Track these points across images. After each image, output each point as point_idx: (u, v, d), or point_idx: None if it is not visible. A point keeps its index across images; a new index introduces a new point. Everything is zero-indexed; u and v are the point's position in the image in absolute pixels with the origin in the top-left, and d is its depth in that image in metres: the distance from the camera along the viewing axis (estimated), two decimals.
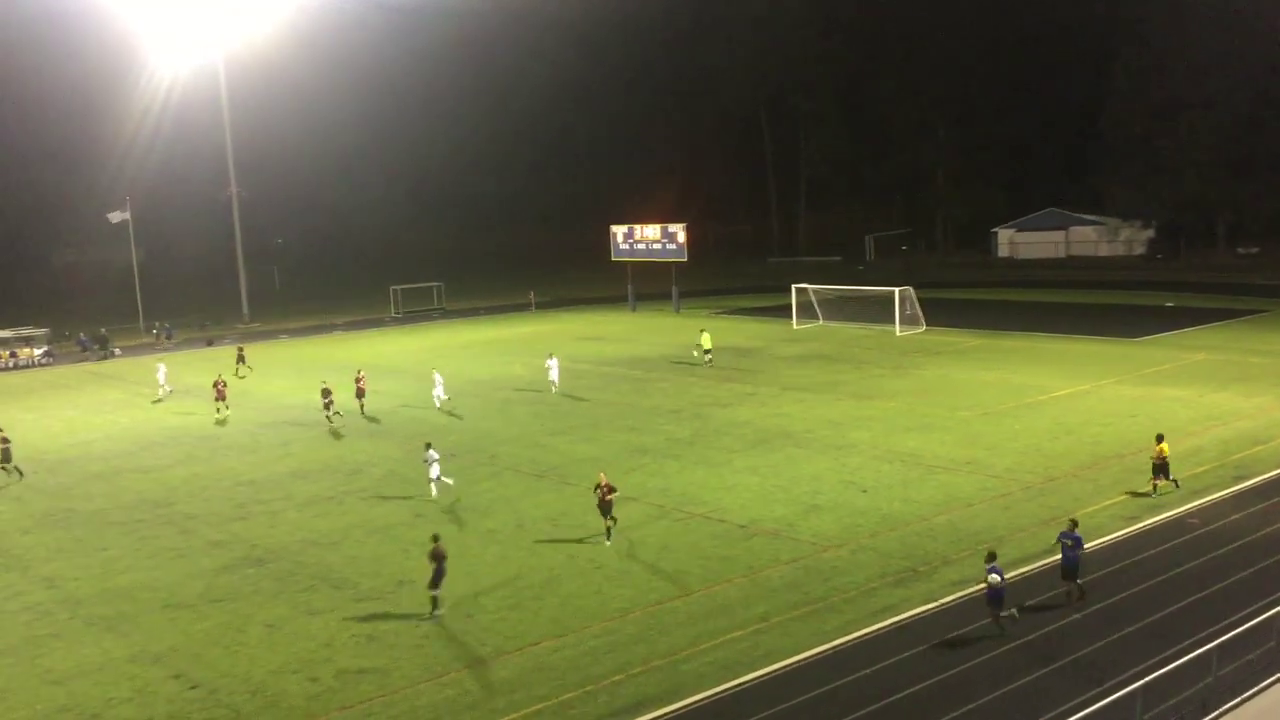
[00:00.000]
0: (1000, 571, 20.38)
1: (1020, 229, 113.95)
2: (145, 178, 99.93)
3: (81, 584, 26.12)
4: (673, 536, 27.43)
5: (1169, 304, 69.77)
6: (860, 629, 21.21)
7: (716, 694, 19.03)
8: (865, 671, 19.48)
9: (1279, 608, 19.64)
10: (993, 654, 19.93)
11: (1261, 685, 18.20)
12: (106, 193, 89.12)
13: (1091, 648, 20.00)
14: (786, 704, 18.55)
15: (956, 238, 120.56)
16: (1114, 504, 28.14)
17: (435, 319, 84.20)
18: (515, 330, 74.21)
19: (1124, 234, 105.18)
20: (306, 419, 44.38)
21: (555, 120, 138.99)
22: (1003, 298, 79.44)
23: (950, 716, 17.87)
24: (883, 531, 26.97)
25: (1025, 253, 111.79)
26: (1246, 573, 23.28)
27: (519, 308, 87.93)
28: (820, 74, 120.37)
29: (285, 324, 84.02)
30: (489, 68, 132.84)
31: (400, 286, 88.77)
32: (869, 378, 48.51)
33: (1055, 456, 33.22)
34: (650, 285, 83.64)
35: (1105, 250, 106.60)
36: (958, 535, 26.40)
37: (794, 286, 69.14)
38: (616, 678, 19.80)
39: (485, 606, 23.39)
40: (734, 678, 19.50)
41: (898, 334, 60.68)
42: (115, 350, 69.43)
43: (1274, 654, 19.08)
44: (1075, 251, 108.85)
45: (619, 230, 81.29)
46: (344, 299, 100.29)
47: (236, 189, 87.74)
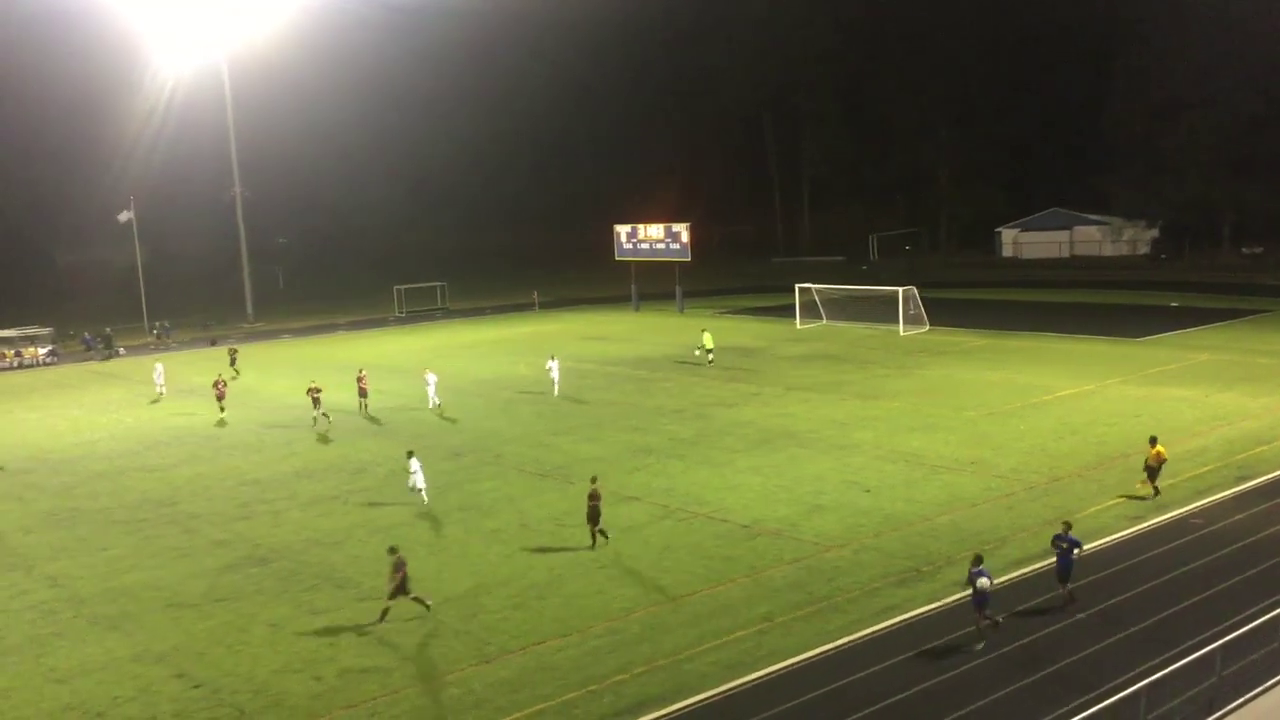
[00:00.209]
0: (988, 575, 20.16)
1: (1024, 229, 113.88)
2: (149, 177, 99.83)
3: (85, 583, 26.16)
4: (676, 536, 27.43)
5: (1173, 304, 69.70)
6: (863, 629, 21.20)
7: (720, 694, 19.02)
8: (868, 671, 19.47)
9: None
10: (995, 654, 19.91)
11: (1266, 685, 18.18)
12: (110, 193, 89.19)
13: (1096, 647, 19.98)
14: (790, 704, 18.54)
15: (960, 237, 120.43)
16: (1118, 504, 28.12)
17: (438, 319, 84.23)
18: (519, 330, 74.24)
19: (1128, 234, 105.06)
20: (309, 419, 44.39)
21: (558, 120, 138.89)
22: (1007, 298, 79.37)
23: (954, 716, 17.87)
24: (886, 531, 26.95)
25: (1029, 252, 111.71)
26: (1250, 573, 23.24)
27: (522, 307, 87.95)
28: (822, 74, 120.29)
29: (289, 324, 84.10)
30: (491, 68, 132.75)
31: (403, 286, 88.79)
32: (873, 378, 48.49)
33: (1060, 457, 33.19)
34: (653, 285, 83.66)
35: (1109, 250, 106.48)
36: (961, 535, 26.37)
37: (797, 286, 69.11)
38: (620, 677, 19.80)
39: (488, 606, 23.40)
40: (737, 677, 19.50)
41: (901, 334, 60.64)
42: (119, 350, 69.52)
43: (1278, 654, 19.05)
44: (1079, 251, 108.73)
45: (622, 230, 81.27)
46: (347, 299, 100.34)
47: (240, 189, 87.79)
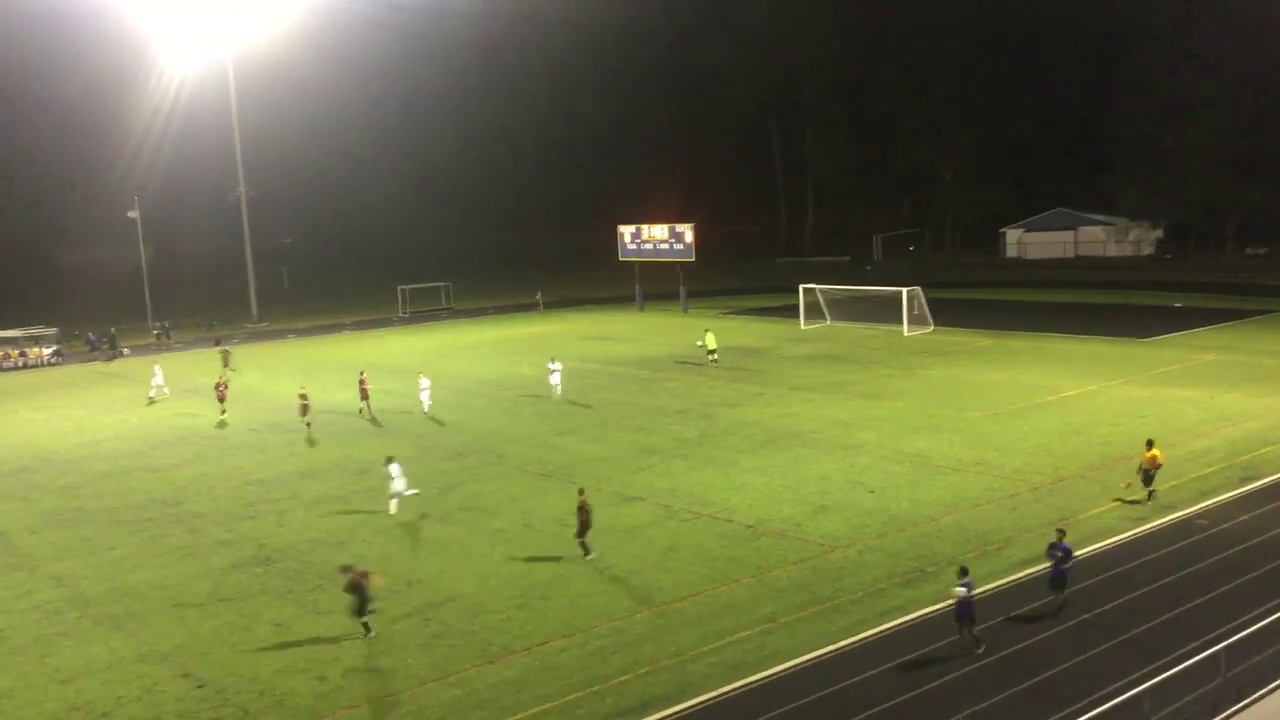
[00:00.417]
0: (969, 585, 19.82)
1: (1028, 229, 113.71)
2: (153, 178, 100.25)
3: (90, 583, 26.19)
4: (680, 536, 27.43)
5: (1178, 304, 69.57)
6: (868, 629, 21.18)
7: (724, 694, 19.01)
8: (873, 672, 19.45)
9: None
10: (996, 658, 19.88)
11: (1271, 686, 18.12)
12: (115, 193, 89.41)
13: (1101, 648, 19.96)
14: (794, 704, 18.52)
15: (964, 238, 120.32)
16: (1121, 506, 28.06)
17: (443, 319, 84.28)
18: (523, 330, 74.26)
19: (1132, 234, 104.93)
20: (314, 418, 44.40)
21: (562, 120, 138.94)
22: (1011, 298, 79.26)
23: (960, 716, 17.86)
24: (890, 532, 26.93)
25: (1033, 253, 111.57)
26: (1256, 574, 23.19)
27: (526, 307, 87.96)
28: (826, 74, 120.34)
29: (293, 324, 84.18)
30: (495, 67, 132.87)
31: (408, 286, 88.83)
32: (877, 378, 48.45)
33: (1064, 457, 33.14)
34: (657, 285, 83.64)
35: (1114, 250, 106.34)
36: (965, 536, 26.34)
37: (801, 287, 69.05)
38: (624, 677, 19.80)
39: (492, 606, 23.40)
40: (741, 678, 19.49)
41: (906, 334, 60.58)
42: (124, 350, 69.62)
43: None
44: (1084, 252, 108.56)
45: (626, 230, 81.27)
46: (352, 299, 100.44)
47: (245, 189, 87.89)
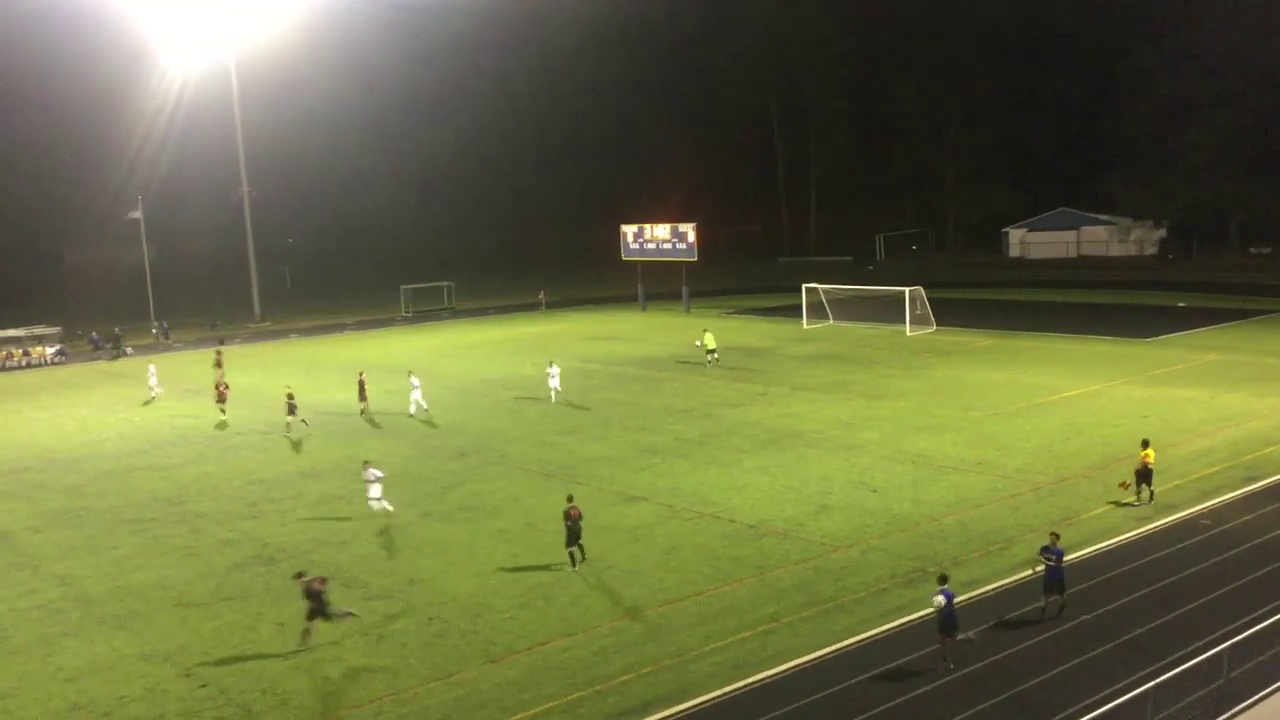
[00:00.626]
0: (949, 595, 19.53)
1: (1031, 229, 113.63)
2: (156, 177, 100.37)
3: (93, 582, 26.23)
4: (682, 536, 27.43)
5: (1181, 304, 69.48)
6: (870, 629, 21.18)
7: (726, 694, 19.02)
8: (875, 672, 19.44)
9: None
10: (1004, 654, 19.87)
11: (1274, 687, 18.10)
12: (118, 192, 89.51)
13: (1104, 648, 19.94)
14: (796, 704, 18.52)
15: (967, 237, 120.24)
16: (1124, 505, 28.03)
17: (445, 319, 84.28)
18: (525, 330, 74.27)
19: (1135, 234, 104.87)
20: (317, 418, 44.49)
21: (564, 120, 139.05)
22: (1014, 298, 79.19)
23: (963, 715, 17.86)
24: (893, 532, 26.92)
25: (1036, 253, 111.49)
26: (1259, 573, 23.17)
27: (529, 307, 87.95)
28: (829, 74, 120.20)
29: (296, 323, 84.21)
30: (498, 68, 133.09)
31: (410, 286, 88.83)
32: (879, 378, 48.43)
33: (1066, 457, 33.12)
34: (660, 285, 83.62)
35: (1117, 250, 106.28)
36: (968, 536, 26.34)
37: (804, 286, 69.01)
38: (626, 677, 19.80)
39: (494, 606, 23.42)
40: (744, 678, 19.50)
41: (908, 334, 60.55)
42: (127, 349, 69.68)
43: None
44: (1087, 251, 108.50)
45: (629, 230, 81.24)
46: (354, 298, 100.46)
47: (248, 188, 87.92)
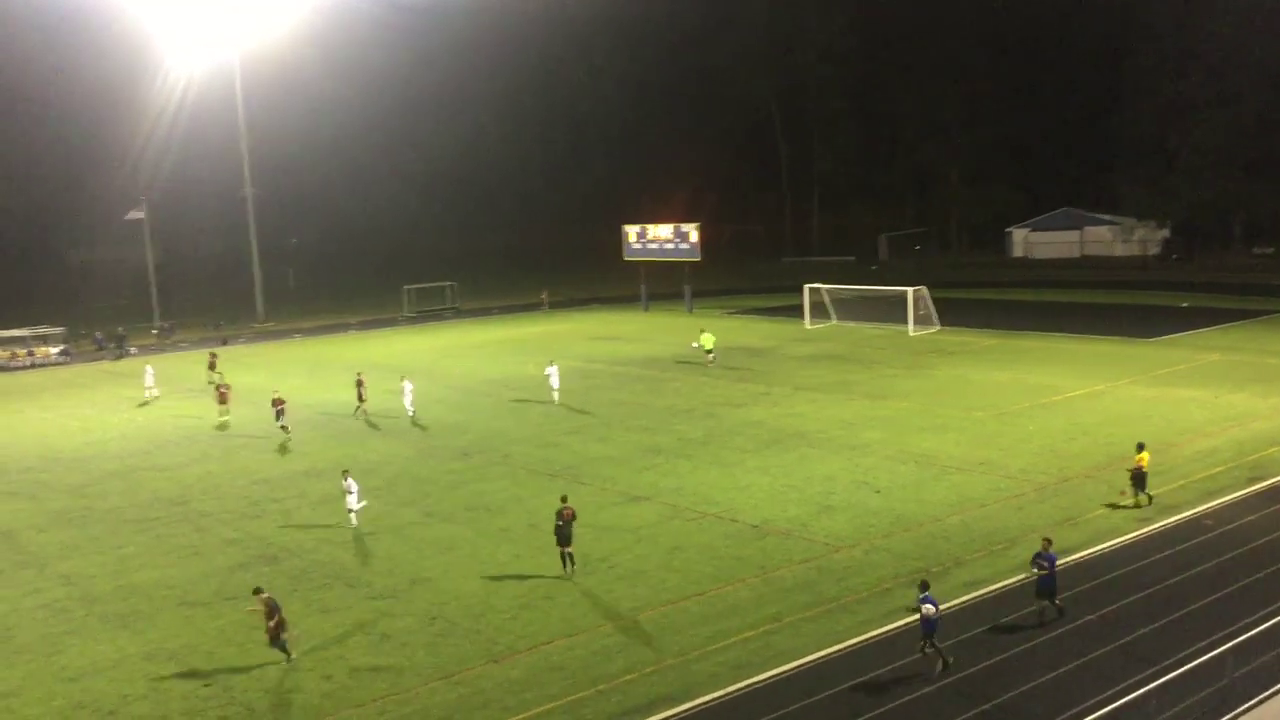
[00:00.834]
0: (934, 602, 19.47)
1: (1035, 229, 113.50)
2: (161, 177, 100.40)
3: (97, 581, 26.30)
4: (685, 536, 27.45)
5: (1184, 304, 69.36)
6: (873, 629, 21.17)
7: (729, 694, 19.04)
8: (878, 672, 19.46)
9: None
10: (1009, 654, 19.88)
11: (1278, 687, 18.08)
12: (122, 192, 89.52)
13: (1106, 649, 19.94)
14: (799, 704, 18.54)
15: (970, 237, 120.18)
16: (1120, 508, 27.98)
17: (448, 319, 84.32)
18: (528, 330, 74.29)
19: (1139, 234, 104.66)
20: (319, 418, 44.58)
21: (566, 120, 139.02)
22: (1017, 298, 79.10)
23: (966, 715, 17.87)
24: (896, 532, 26.93)
25: (1040, 252, 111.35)
26: (1262, 574, 23.15)
27: (532, 307, 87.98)
28: (832, 74, 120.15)
29: (299, 323, 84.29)
30: (501, 68, 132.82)
31: (413, 286, 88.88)
32: (882, 378, 48.41)
33: (1069, 457, 33.09)
34: (663, 285, 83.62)
35: (1120, 250, 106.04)
36: (971, 536, 26.34)
37: (807, 286, 68.96)
38: (628, 677, 19.82)
39: (497, 606, 23.45)
40: (746, 678, 19.51)
41: (911, 334, 60.50)
42: (131, 349, 69.79)
43: None
44: (1090, 251, 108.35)
45: (631, 230, 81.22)
46: (358, 298, 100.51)
47: (251, 189, 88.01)
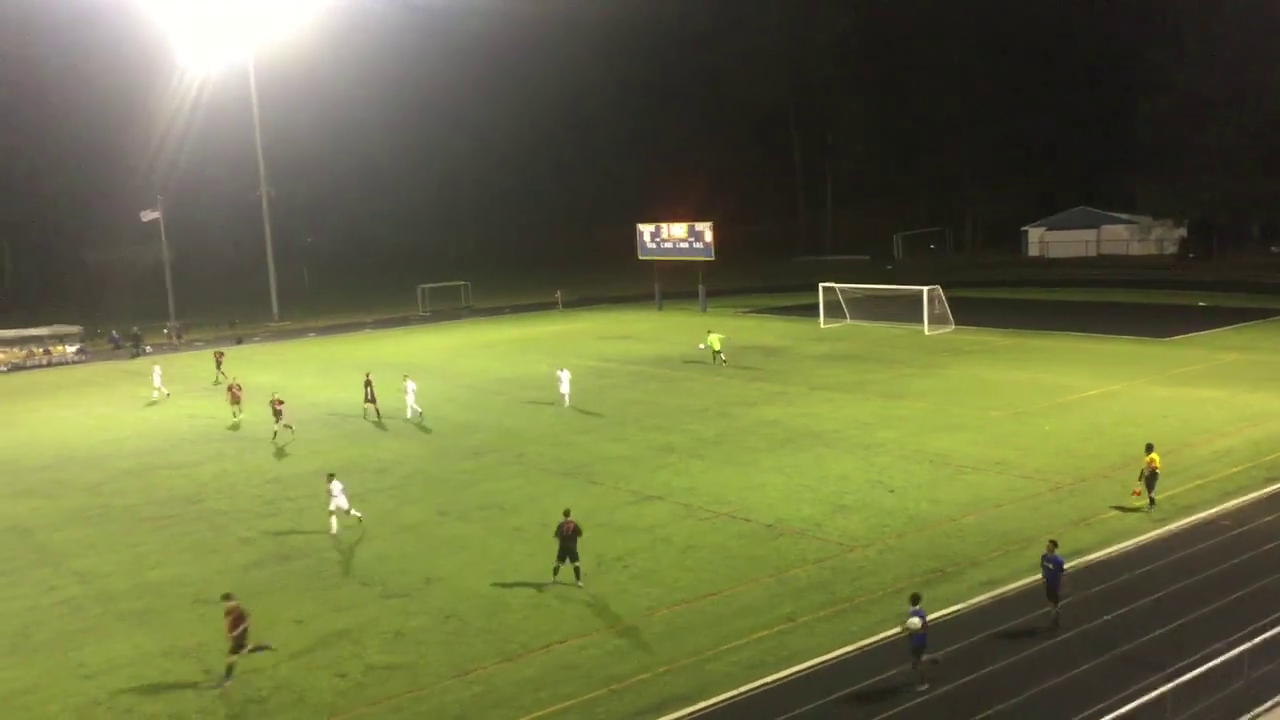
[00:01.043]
0: (922, 615, 19.13)
1: (1050, 228, 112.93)
2: (176, 177, 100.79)
3: (113, 579, 26.42)
4: (699, 536, 27.41)
5: (1202, 304, 68.90)
6: (887, 630, 21.02)
7: (742, 694, 18.99)
8: (893, 672, 19.37)
9: None
10: (1025, 653, 19.79)
11: None
12: (138, 192, 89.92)
13: (1120, 650, 19.84)
14: (813, 704, 18.49)
15: (986, 236, 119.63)
16: (1130, 510, 27.76)
17: (462, 318, 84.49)
18: (542, 329, 74.36)
19: (1155, 233, 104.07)
20: (333, 417, 44.70)
21: (581, 119, 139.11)
22: (1033, 297, 78.76)
23: (980, 716, 17.79)
24: (910, 532, 26.83)
25: (1055, 251, 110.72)
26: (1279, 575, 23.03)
27: (545, 306, 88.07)
28: (847, 73, 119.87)
29: (314, 322, 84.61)
30: (515, 68, 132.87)
31: (427, 285, 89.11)
32: (897, 377, 48.26)
33: (1085, 457, 32.92)
34: (676, 284, 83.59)
35: (1136, 249, 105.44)
36: (986, 536, 26.22)
37: (821, 285, 68.85)
38: (642, 676, 19.80)
39: (511, 605, 23.47)
40: (760, 677, 19.47)
41: (926, 333, 60.31)
42: (147, 348, 70.19)
43: None
44: (1106, 250, 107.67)
45: (646, 229, 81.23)
46: (372, 297, 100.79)
47: (267, 188, 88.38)
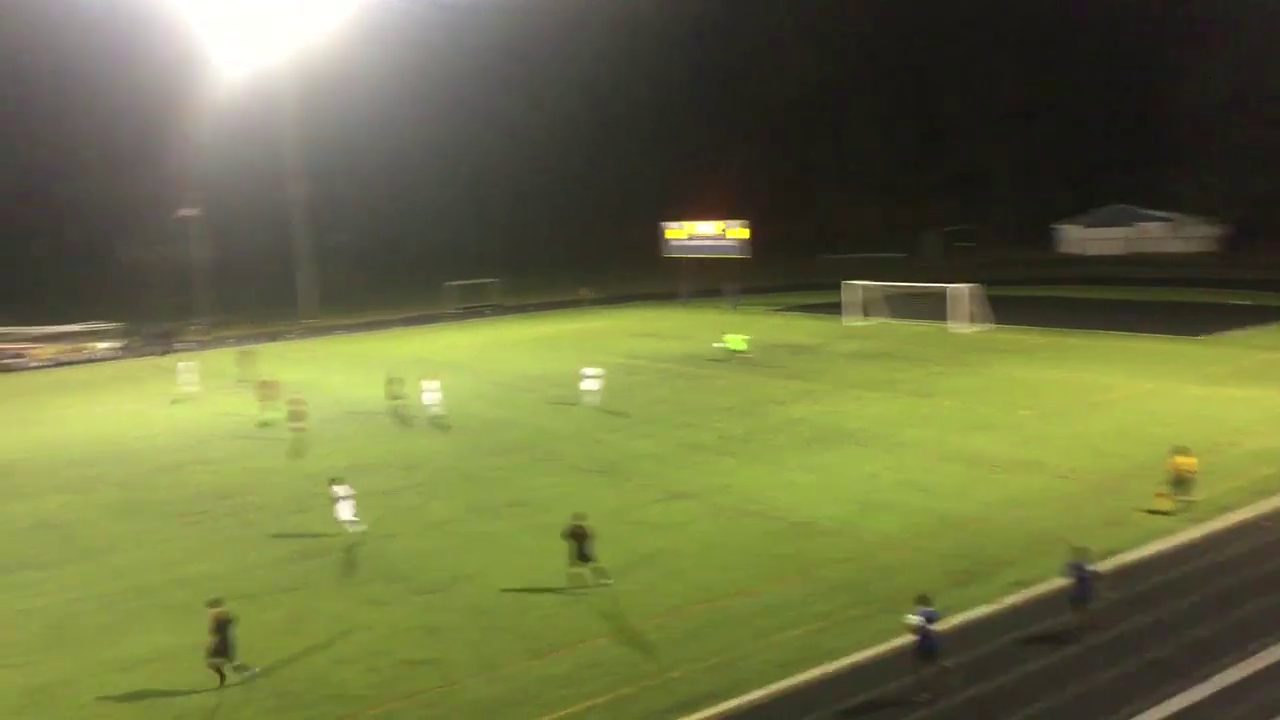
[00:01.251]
0: (932, 616, 18.40)
1: (1086, 225, 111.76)
2: (210, 175, 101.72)
3: (148, 574, 26.69)
4: (728, 533, 27.36)
5: (1245, 302, 67.44)
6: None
7: (775, 692, 18.92)
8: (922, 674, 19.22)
9: None
10: (1052, 658, 19.59)
11: None
12: (173, 190, 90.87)
13: (1162, 653, 19.60)
14: (846, 703, 18.41)
15: (1019, 233, 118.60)
16: (1157, 514, 27.34)
17: (491, 315, 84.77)
18: (570, 326, 74.45)
19: (1193, 230, 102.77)
20: (363, 414, 44.95)
21: (610, 117, 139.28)
22: (1067, 295, 77.96)
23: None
24: (941, 531, 26.63)
25: (1090, 249, 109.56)
26: None
27: (574, 303, 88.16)
28: (877, 69, 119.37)
29: (345, 320, 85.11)
30: (546, 67, 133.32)
31: (457, 283, 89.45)
32: (928, 375, 47.93)
33: (1118, 457, 32.54)
34: (703, 282, 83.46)
35: (1173, 247, 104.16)
36: (1018, 536, 25.97)
37: (849, 283, 68.52)
38: (672, 674, 19.78)
39: (540, 602, 23.52)
40: (792, 675, 19.40)
41: (958, 331, 59.86)
42: (178, 345, 70.89)
43: None
44: (1142, 248, 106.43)
45: (674, 226, 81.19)
46: (402, 295, 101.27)
47: (299, 186, 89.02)
